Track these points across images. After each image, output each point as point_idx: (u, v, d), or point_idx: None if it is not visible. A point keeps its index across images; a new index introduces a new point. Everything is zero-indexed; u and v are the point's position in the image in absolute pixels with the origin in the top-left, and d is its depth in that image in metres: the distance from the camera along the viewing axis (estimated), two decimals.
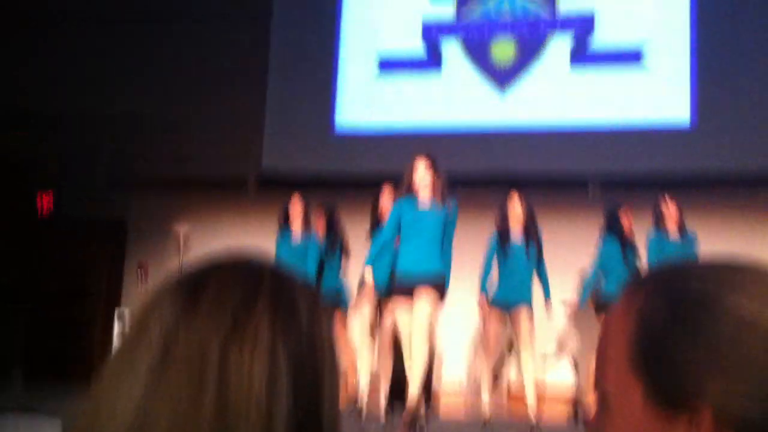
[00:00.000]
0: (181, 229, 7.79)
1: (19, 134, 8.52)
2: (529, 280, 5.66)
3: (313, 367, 0.70)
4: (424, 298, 4.86)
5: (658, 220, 5.79)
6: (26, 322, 8.11)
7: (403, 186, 5.17)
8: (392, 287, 5.15)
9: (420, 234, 4.99)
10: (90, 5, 8.71)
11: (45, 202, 8.67)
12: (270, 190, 7.46)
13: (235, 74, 8.38)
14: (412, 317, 4.91)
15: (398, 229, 5.08)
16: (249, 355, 0.66)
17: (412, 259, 4.97)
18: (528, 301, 5.58)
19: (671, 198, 5.80)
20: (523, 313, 5.54)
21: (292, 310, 0.71)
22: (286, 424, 0.66)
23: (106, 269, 8.48)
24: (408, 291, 4.95)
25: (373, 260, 5.14)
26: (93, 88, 8.75)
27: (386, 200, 5.72)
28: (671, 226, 5.73)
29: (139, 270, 8.14)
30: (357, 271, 5.59)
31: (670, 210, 5.72)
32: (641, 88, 7.27)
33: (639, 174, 7.11)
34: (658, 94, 7.22)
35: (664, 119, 7.15)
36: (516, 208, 5.69)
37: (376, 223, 5.73)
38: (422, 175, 5.06)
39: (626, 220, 5.86)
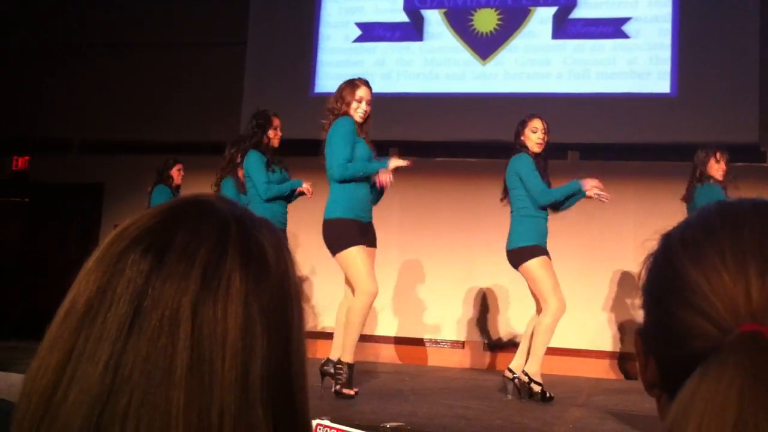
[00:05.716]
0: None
1: None
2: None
3: (284, 312, 0.69)
4: None
5: (702, 175, 5.37)
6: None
7: None
8: None
9: None
10: None
11: (20, 165, 8.60)
12: None
13: (214, 41, 8.33)
14: None
15: None
16: (222, 310, 0.65)
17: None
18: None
19: (723, 155, 5.43)
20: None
21: (261, 258, 0.70)
22: (261, 376, 0.65)
23: (81, 232, 8.40)
24: None
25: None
26: (71, 56, 8.67)
27: None
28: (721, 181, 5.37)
29: None
30: None
31: (721, 166, 5.38)
32: (623, 58, 7.26)
33: (618, 142, 7.14)
34: (639, 64, 7.22)
35: (645, 89, 7.16)
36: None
37: None
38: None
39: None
